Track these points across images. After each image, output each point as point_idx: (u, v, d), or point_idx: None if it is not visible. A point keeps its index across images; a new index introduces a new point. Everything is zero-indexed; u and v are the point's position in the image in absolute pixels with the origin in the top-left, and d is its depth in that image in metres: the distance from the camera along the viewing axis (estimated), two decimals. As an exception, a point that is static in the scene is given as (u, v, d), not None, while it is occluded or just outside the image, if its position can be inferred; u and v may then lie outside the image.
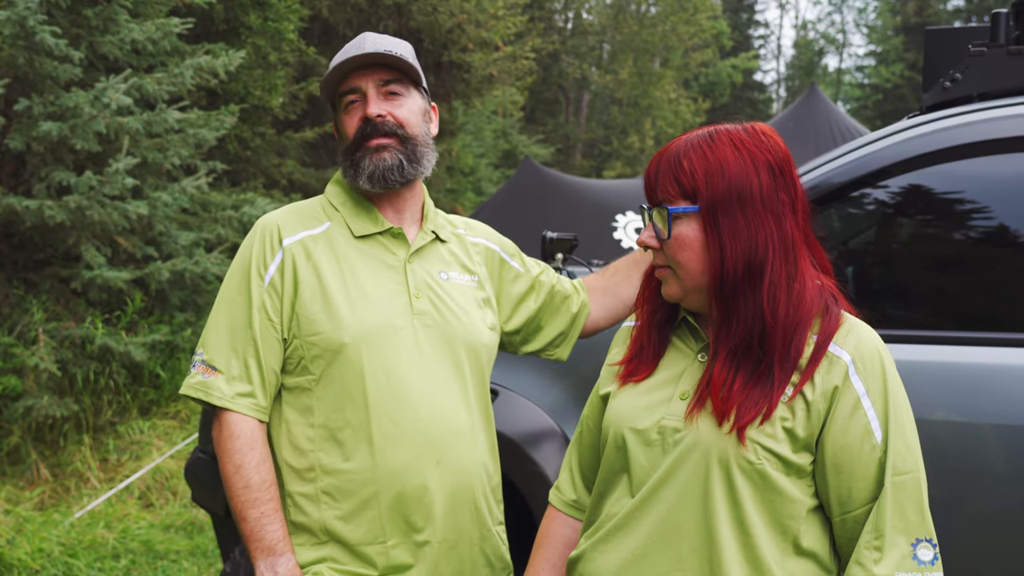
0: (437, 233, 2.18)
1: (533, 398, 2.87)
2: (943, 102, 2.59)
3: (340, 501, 1.98)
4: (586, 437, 1.91)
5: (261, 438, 2.00)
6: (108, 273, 5.78)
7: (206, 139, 6.61)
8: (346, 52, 2.09)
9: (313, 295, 2.01)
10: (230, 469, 1.96)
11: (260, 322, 2.01)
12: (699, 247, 1.63)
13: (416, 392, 2.00)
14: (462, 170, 19.03)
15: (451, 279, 2.14)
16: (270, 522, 1.95)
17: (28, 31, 5.42)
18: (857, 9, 45.14)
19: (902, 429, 1.59)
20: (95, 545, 4.97)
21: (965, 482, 2.27)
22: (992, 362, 2.30)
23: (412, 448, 1.98)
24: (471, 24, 12.89)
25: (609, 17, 27.34)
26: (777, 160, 1.64)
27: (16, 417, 5.60)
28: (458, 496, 2.03)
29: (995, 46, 2.52)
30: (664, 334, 1.76)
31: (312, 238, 2.07)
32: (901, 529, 1.55)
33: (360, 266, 2.06)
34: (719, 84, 33.38)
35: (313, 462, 1.99)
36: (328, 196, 2.17)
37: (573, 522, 1.91)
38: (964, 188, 2.46)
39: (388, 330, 2.01)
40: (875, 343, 1.63)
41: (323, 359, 1.99)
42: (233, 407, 1.98)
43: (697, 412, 1.61)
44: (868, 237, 2.70)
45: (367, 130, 2.07)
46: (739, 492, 1.57)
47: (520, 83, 18.58)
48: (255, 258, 2.05)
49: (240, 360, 2.00)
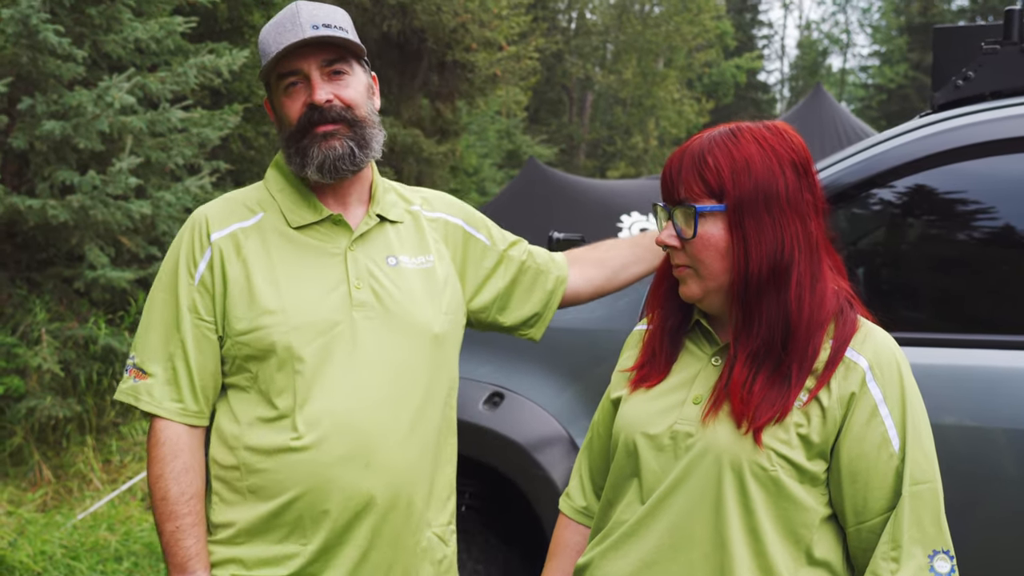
0: (384, 215, 2.05)
1: (543, 402, 2.84)
2: (955, 100, 2.56)
3: (265, 500, 1.89)
4: (596, 443, 1.87)
5: (188, 445, 1.91)
6: (111, 273, 5.76)
7: (209, 139, 6.58)
8: (280, 28, 1.94)
9: (241, 293, 1.91)
10: (152, 477, 1.90)
11: (191, 323, 1.92)
12: (724, 247, 1.59)
13: (347, 391, 1.89)
14: (466, 170, 19.03)
15: (400, 264, 2.02)
16: (184, 537, 1.87)
17: (31, 30, 5.40)
18: (861, 9, 45.11)
19: (920, 438, 1.56)
20: (98, 547, 4.95)
21: (978, 486, 2.24)
22: (1004, 365, 2.27)
23: (341, 448, 1.87)
24: (475, 24, 12.89)
25: (613, 17, 27.31)
26: (801, 159, 1.61)
27: (19, 418, 5.58)
28: (392, 498, 1.91)
29: (1008, 44, 2.49)
30: (677, 339, 1.72)
31: (243, 231, 1.96)
32: (918, 540, 1.53)
33: (294, 259, 1.95)
34: (723, 84, 33.35)
35: (239, 460, 1.90)
36: (267, 183, 2.05)
37: (585, 530, 1.88)
38: (977, 188, 2.43)
39: (321, 326, 1.90)
40: (893, 349, 1.60)
41: (257, 358, 1.90)
42: (160, 412, 1.91)
43: (713, 415, 1.58)
44: (880, 237, 2.67)
45: (313, 116, 1.93)
46: (752, 499, 1.54)
47: (524, 83, 18.59)
48: (184, 256, 1.95)
49: (169, 363, 1.92)
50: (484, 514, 3.02)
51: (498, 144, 22.14)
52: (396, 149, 12.92)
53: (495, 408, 2.83)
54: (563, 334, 2.84)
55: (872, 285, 2.65)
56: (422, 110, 14.08)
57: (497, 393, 2.86)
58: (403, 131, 12.89)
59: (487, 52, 13.88)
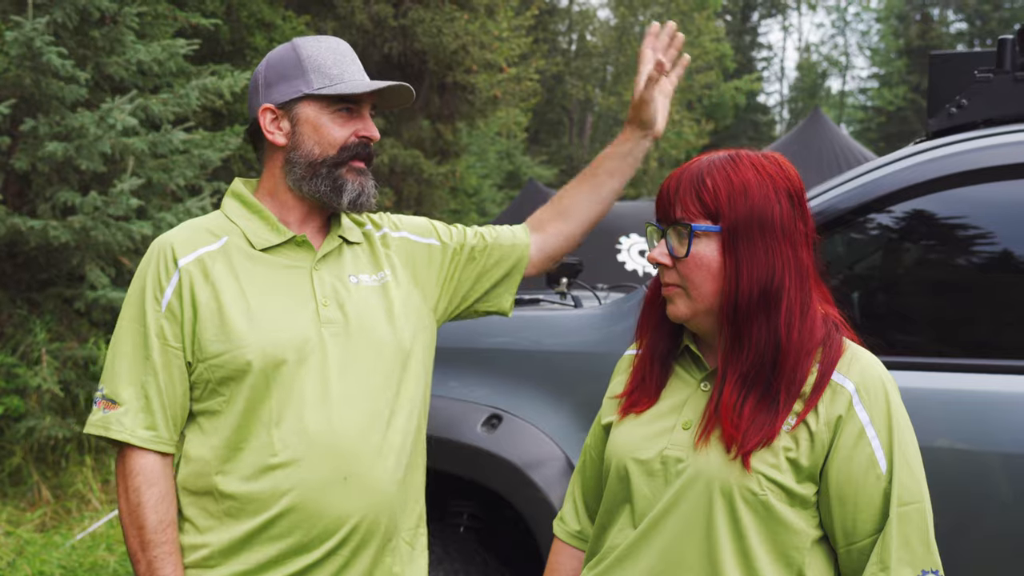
0: (345, 237, 2.10)
1: (541, 425, 2.85)
2: (949, 128, 2.59)
3: (241, 521, 1.89)
4: (589, 467, 1.89)
5: (163, 473, 1.91)
6: (112, 294, 5.78)
7: (211, 160, 6.61)
8: (340, 56, 2.04)
9: (212, 316, 1.92)
10: (125, 508, 1.89)
11: (159, 349, 1.92)
12: (716, 268, 1.62)
13: (321, 406, 1.91)
14: (466, 191, 19.07)
15: (360, 282, 2.06)
16: (163, 566, 1.87)
17: (35, 52, 5.45)
18: (860, 32, 45.32)
19: (907, 459, 1.57)
20: (96, 567, 4.94)
21: (971, 509, 2.25)
22: (997, 389, 2.28)
23: (317, 467, 1.89)
24: (475, 46, 12.95)
25: (613, 39, 27.45)
26: (796, 189, 1.65)
27: (18, 438, 5.58)
28: (367, 516, 1.93)
29: (1001, 72, 2.52)
30: (666, 364, 1.74)
31: (210, 255, 1.97)
32: (907, 561, 1.54)
33: (261, 280, 1.97)
34: (722, 106, 33.46)
35: (212, 485, 1.91)
36: (225, 210, 2.07)
37: (579, 553, 1.89)
38: (971, 214, 2.45)
39: (293, 343, 1.92)
40: (879, 372, 1.62)
41: (233, 380, 1.91)
42: (134, 441, 1.89)
43: (705, 441, 1.59)
44: (875, 262, 2.70)
45: (360, 149, 2.02)
46: (743, 523, 1.56)
47: (524, 104, 18.67)
48: (150, 282, 1.95)
49: (141, 391, 1.92)
50: (482, 535, 3.03)
51: (498, 165, 22.21)
52: (397, 170, 12.97)
53: (493, 430, 2.84)
54: (561, 357, 2.85)
55: (867, 309, 2.67)
56: (423, 131, 14.14)
57: (495, 415, 2.87)
58: (404, 152, 12.94)
59: (488, 74, 13.95)
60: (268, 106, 2.04)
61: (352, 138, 2.02)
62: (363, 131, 2.03)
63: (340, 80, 2.00)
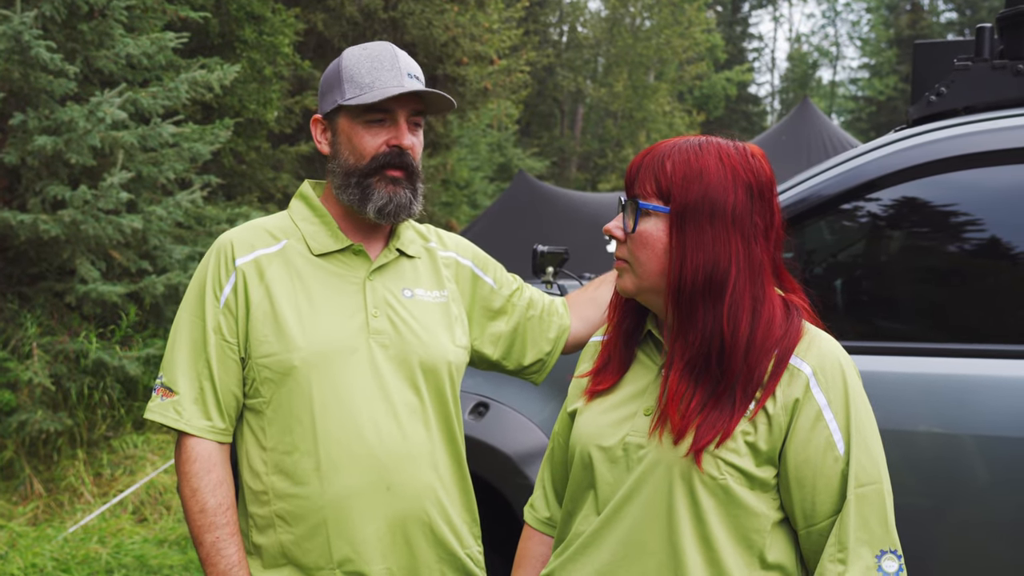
0: (403, 250, 2.13)
1: (528, 413, 2.88)
2: (929, 115, 2.62)
3: (292, 525, 1.95)
4: (557, 454, 1.91)
5: (220, 460, 1.97)
6: (102, 287, 5.79)
7: (201, 153, 6.62)
8: (378, 63, 2.01)
9: (264, 316, 1.98)
10: (187, 492, 1.95)
11: (216, 343, 1.98)
12: (661, 248, 1.63)
13: (366, 416, 1.96)
14: (457, 183, 19.08)
15: (416, 296, 2.09)
16: (225, 546, 1.92)
17: (23, 46, 5.44)
18: (851, 22, 45.35)
19: (865, 440, 1.58)
20: (88, 560, 4.96)
21: (949, 493, 2.28)
22: (976, 373, 2.31)
23: (360, 474, 1.94)
24: (466, 38, 12.94)
25: (604, 31, 27.45)
26: (759, 183, 1.63)
27: (10, 432, 5.59)
28: (411, 522, 1.98)
29: (980, 60, 2.55)
30: (630, 345, 1.76)
31: (267, 257, 2.03)
32: (865, 541, 1.54)
33: (315, 285, 2.02)
34: (713, 97, 33.49)
35: (267, 485, 1.97)
36: (291, 212, 2.13)
37: (549, 540, 1.91)
38: (949, 200, 2.48)
39: (340, 351, 1.97)
40: (837, 355, 1.62)
41: (273, 381, 1.96)
42: (190, 430, 1.96)
43: (661, 428, 1.60)
44: (856, 249, 2.72)
45: (392, 158, 2.01)
46: (703, 508, 1.56)
47: (515, 96, 18.64)
48: (210, 279, 2.02)
49: (196, 382, 1.98)
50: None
51: (489, 157, 22.22)
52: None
53: (480, 418, 2.87)
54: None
55: (850, 295, 2.69)
56: (413, 124, 14.09)
57: (482, 403, 2.89)
58: (394, 145, 12.89)
59: (478, 66, 13.94)
60: (317, 117, 2.10)
61: (383, 147, 2.01)
62: (394, 140, 2.01)
63: (371, 88, 1.99)
